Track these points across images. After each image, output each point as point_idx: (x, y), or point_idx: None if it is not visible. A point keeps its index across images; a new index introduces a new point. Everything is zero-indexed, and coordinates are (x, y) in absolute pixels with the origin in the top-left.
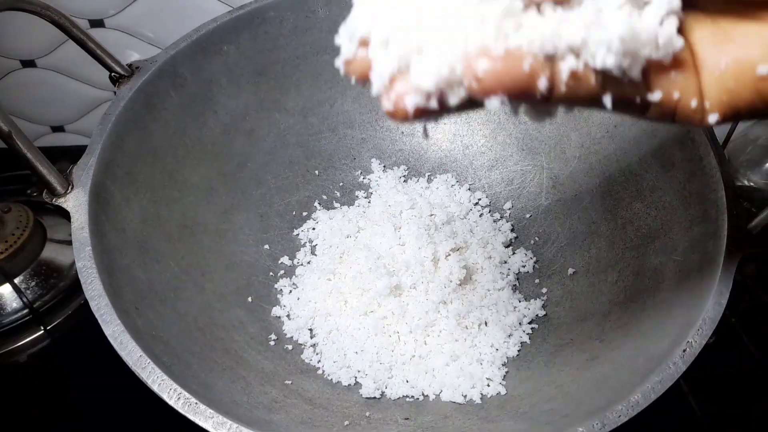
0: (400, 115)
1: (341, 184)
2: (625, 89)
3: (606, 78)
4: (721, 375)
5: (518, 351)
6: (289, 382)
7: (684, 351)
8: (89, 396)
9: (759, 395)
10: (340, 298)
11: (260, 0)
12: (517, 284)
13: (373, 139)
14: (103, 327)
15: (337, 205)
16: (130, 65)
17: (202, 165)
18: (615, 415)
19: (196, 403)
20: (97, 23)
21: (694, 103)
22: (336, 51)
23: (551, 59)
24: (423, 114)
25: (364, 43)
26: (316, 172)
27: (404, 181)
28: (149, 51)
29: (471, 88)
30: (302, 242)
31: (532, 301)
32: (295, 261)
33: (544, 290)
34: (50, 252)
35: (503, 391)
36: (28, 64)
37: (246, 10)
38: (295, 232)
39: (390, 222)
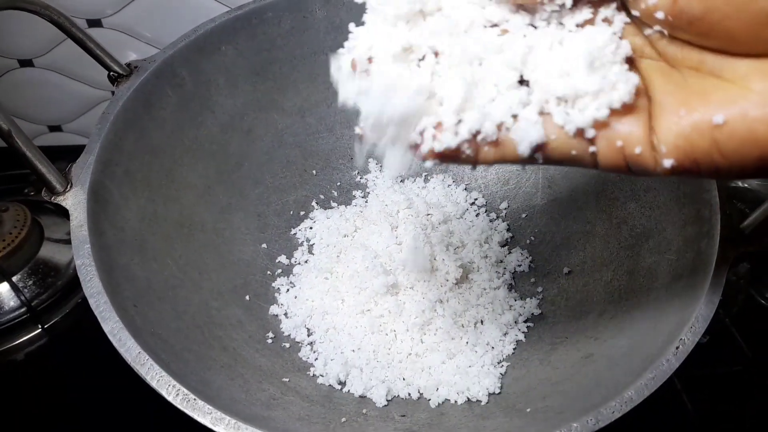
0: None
1: (338, 183)
2: (562, 144)
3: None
4: (715, 373)
5: (514, 349)
6: (287, 379)
7: (677, 348)
8: (87, 394)
9: (751, 393)
10: (337, 297)
11: (258, 0)
12: (513, 283)
13: None
14: (102, 324)
15: (334, 204)
16: (128, 65)
17: (200, 164)
18: (609, 411)
19: (195, 399)
20: (95, 23)
21: (638, 150)
22: (333, 51)
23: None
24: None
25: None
26: (314, 171)
27: (401, 181)
28: (147, 51)
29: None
30: (300, 241)
31: (527, 299)
32: (293, 260)
33: (540, 289)
34: (48, 251)
35: (499, 389)
36: (26, 63)
37: (244, 11)
38: (293, 231)
39: (387, 221)
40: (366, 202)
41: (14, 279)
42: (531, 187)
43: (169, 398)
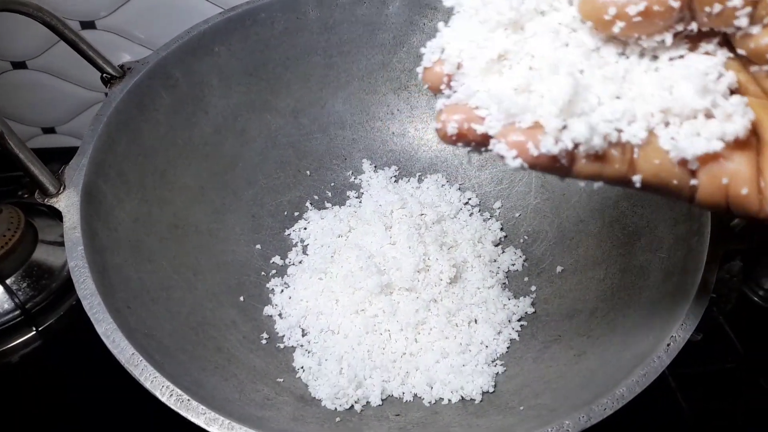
0: (440, 134)
1: (332, 184)
2: (663, 171)
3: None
4: (708, 371)
5: (507, 348)
6: (281, 379)
7: (668, 345)
8: (82, 396)
9: (744, 391)
10: (331, 297)
11: (251, 2)
12: (507, 282)
13: (364, 140)
14: (95, 325)
15: (328, 205)
16: (121, 66)
17: (193, 165)
18: (600, 408)
19: (189, 400)
20: (89, 25)
21: (744, 191)
22: (326, 52)
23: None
24: (462, 141)
25: (441, 61)
26: (308, 172)
27: (395, 181)
28: (140, 52)
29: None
30: (294, 242)
31: (521, 298)
32: (287, 260)
33: (533, 288)
34: (42, 253)
35: (492, 388)
36: (19, 65)
37: (237, 12)
38: (287, 231)
39: (381, 221)
40: (360, 202)
41: (8, 281)
42: (524, 187)
43: (163, 399)
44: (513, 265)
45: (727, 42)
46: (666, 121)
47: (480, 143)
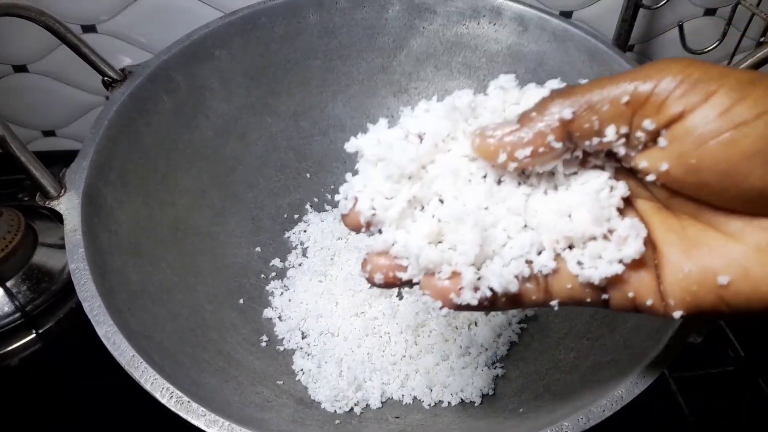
0: (369, 281)
1: (332, 186)
2: (575, 293)
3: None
4: (709, 374)
5: (507, 350)
6: (281, 382)
7: (667, 346)
8: (82, 399)
9: (745, 393)
10: (331, 300)
11: (252, 6)
12: None
13: None
14: (96, 327)
15: (328, 207)
16: (122, 70)
17: (194, 168)
18: (599, 409)
19: (189, 402)
20: (90, 29)
21: (649, 302)
22: (326, 56)
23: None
24: (389, 287)
25: (355, 203)
26: (308, 175)
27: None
28: (141, 56)
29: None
30: (293, 244)
31: None
32: (287, 263)
33: None
34: (42, 256)
35: (492, 390)
36: (21, 69)
37: (238, 16)
38: (287, 234)
39: None
40: None
41: (8, 284)
42: None
43: (163, 401)
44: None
45: (611, 154)
46: (570, 245)
47: (406, 285)
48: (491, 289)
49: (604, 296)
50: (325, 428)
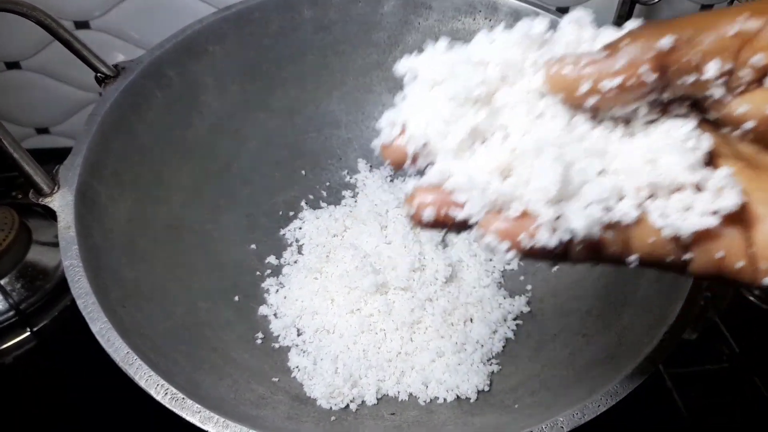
0: (414, 220)
1: (328, 183)
2: (657, 249)
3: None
4: (704, 371)
5: (503, 347)
6: (276, 379)
7: (661, 342)
8: (76, 397)
9: (741, 389)
10: (326, 297)
11: (246, 1)
12: (502, 281)
13: (359, 139)
14: (90, 324)
15: (323, 204)
16: (115, 66)
17: (188, 165)
18: (594, 404)
19: (183, 399)
20: (83, 24)
21: (739, 265)
22: (321, 51)
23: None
24: (438, 227)
25: (403, 134)
26: (303, 172)
27: (390, 180)
28: (134, 52)
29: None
30: (289, 242)
31: (516, 297)
32: (282, 260)
33: (529, 287)
34: (36, 254)
35: (488, 386)
36: (13, 66)
37: (231, 11)
38: (282, 231)
39: (376, 221)
40: (355, 201)
41: (2, 282)
42: None
43: (158, 398)
44: (508, 263)
45: (696, 105)
46: (653, 195)
47: (460, 228)
48: (570, 232)
49: (687, 256)
50: (321, 425)
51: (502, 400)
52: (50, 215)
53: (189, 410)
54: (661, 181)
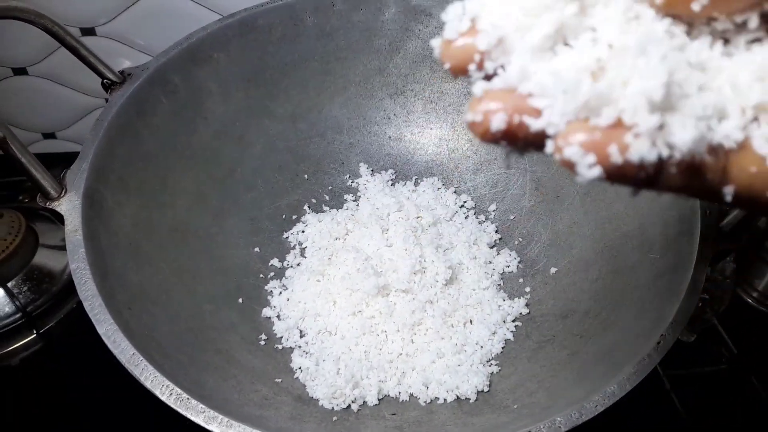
0: (479, 130)
1: (330, 187)
2: (757, 181)
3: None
4: (702, 372)
5: (502, 348)
6: (279, 380)
7: (658, 343)
8: (82, 398)
9: (738, 391)
10: (329, 299)
11: (250, 8)
12: (502, 284)
13: (361, 144)
14: (96, 326)
15: (326, 208)
16: (121, 72)
17: (192, 170)
18: (592, 405)
19: (188, 399)
20: (89, 31)
21: None
22: (323, 58)
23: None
24: (503, 139)
25: (473, 31)
26: (306, 176)
27: (392, 184)
28: (140, 59)
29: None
30: (292, 245)
31: (515, 299)
32: (285, 263)
33: (528, 289)
34: (42, 257)
35: (487, 387)
36: (20, 71)
37: (236, 19)
38: (285, 234)
39: (378, 224)
40: (357, 205)
41: (9, 285)
42: (519, 190)
43: (163, 398)
44: (508, 266)
45: None
46: (757, 118)
47: (532, 143)
48: (671, 147)
49: None
50: (323, 425)
51: (501, 400)
52: (57, 219)
53: (194, 410)
54: None
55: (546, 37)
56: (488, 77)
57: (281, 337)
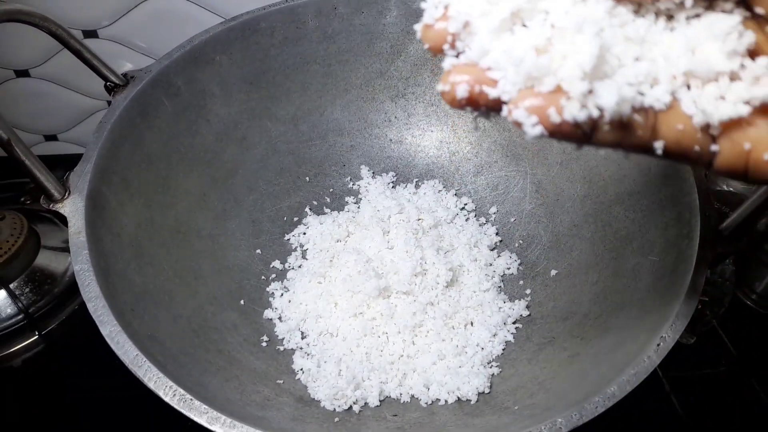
0: (447, 98)
1: (331, 190)
2: (685, 137)
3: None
4: (702, 374)
5: (503, 350)
6: (281, 381)
7: (658, 345)
8: (84, 400)
9: (738, 393)
10: (330, 301)
11: (252, 12)
12: (502, 286)
13: (362, 147)
14: (100, 327)
15: (327, 210)
16: (125, 75)
17: (195, 172)
18: (592, 406)
19: (191, 400)
20: (91, 34)
21: (767, 156)
22: (325, 61)
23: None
24: (468, 105)
25: (445, 17)
26: (307, 178)
27: (393, 186)
28: (143, 61)
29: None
30: (293, 247)
31: (516, 301)
32: (287, 265)
33: (528, 291)
34: (44, 259)
35: (488, 388)
36: (23, 74)
37: (238, 21)
38: (287, 236)
39: (379, 226)
40: (358, 207)
41: (11, 286)
42: (519, 192)
43: (166, 399)
44: (508, 268)
45: (743, 1)
46: (687, 84)
47: (491, 108)
48: (599, 108)
49: (714, 147)
50: (325, 426)
51: (502, 401)
52: (59, 221)
53: (197, 411)
54: (697, 68)
55: (503, 20)
56: (459, 55)
57: (283, 339)
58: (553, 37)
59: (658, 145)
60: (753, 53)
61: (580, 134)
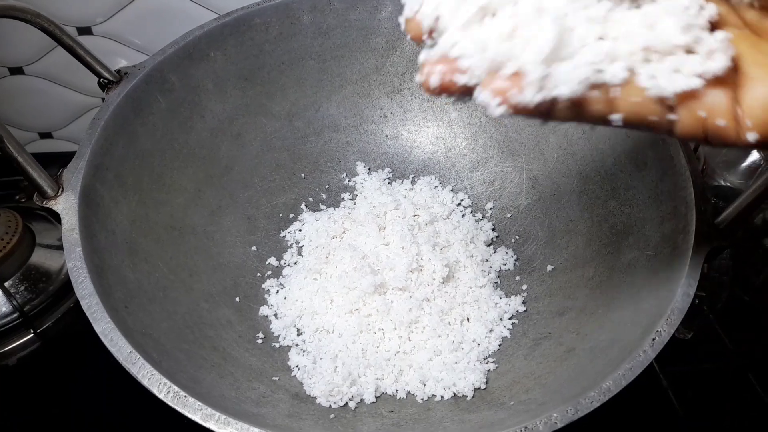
0: (424, 87)
1: (327, 186)
2: (642, 108)
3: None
4: (699, 369)
5: (499, 345)
6: (276, 378)
7: (653, 340)
8: (80, 398)
9: (735, 389)
10: (326, 297)
11: (246, 7)
12: (499, 281)
13: (358, 143)
14: (93, 325)
15: (323, 206)
16: (118, 71)
17: (189, 168)
18: (588, 401)
19: (186, 396)
20: (85, 30)
21: (721, 123)
22: (320, 56)
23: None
24: (442, 92)
25: (420, 12)
26: (303, 175)
27: (389, 182)
28: (137, 58)
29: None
30: (289, 243)
31: (512, 297)
32: (282, 261)
33: (525, 287)
34: (39, 256)
35: (484, 384)
36: (17, 71)
37: (232, 17)
38: (282, 233)
39: (375, 223)
40: (354, 204)
41: (6, 284)
42: (515, 188)
43: (160, 396)
44: (505, 264)
45: None
46: (647, 59)
47: (464, 93)
48: (555, 90)
49: (671, 116)
50: (321, 422)
51: (498, 397)
52: (54, 219)
53: (191, 408)
54: (655, 43)
55: (471, 14)
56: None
57: (278, 336)
58: (518, 25)
59: (616, 118)
60: (716, 25)
61: (540, 111)
